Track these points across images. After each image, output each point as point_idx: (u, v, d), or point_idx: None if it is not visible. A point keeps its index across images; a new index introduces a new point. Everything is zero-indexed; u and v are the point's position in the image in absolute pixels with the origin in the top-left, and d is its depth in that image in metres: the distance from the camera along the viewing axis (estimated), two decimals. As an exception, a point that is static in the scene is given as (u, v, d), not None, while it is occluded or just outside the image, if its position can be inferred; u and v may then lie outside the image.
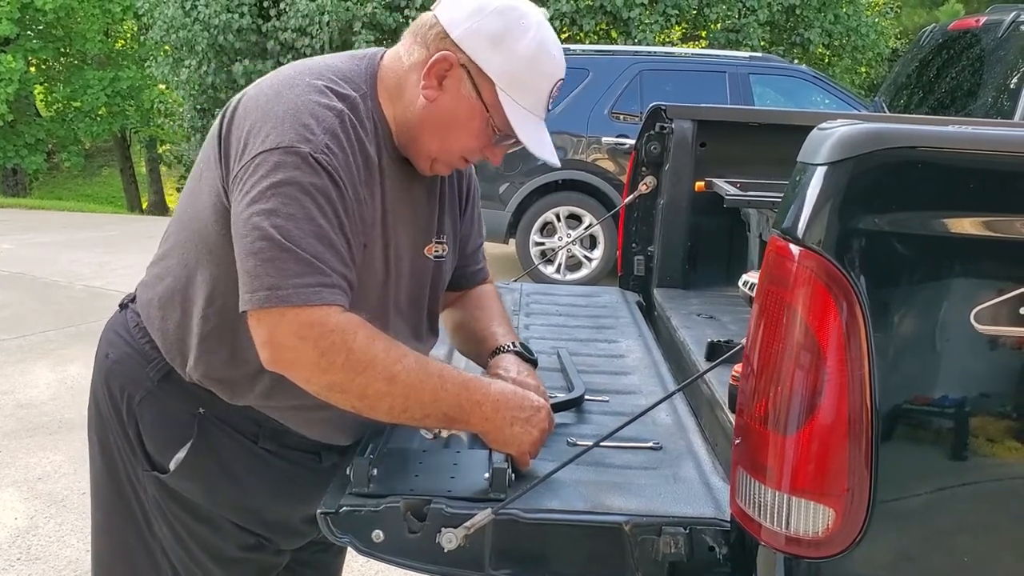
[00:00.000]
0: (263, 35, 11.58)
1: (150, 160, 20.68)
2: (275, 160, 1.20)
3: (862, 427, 1.01)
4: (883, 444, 1.02)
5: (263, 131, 1.23)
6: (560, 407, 1.49)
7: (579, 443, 1.38)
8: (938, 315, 1.03)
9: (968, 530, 1.08)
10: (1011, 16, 4.45)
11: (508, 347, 1.50)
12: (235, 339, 1.30)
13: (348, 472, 1.23)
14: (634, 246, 2.62)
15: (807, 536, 1.05)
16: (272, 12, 11.37)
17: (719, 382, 1.58)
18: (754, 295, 1.15)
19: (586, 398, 1.57)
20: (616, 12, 10.73)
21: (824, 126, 1.09)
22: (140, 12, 13.53)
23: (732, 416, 1.31)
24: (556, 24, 10.20)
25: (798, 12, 11.70)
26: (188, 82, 12.07)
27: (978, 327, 1.01)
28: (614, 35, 11.32)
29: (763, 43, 11.53)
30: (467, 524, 1.16)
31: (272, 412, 1.38)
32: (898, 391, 1.03)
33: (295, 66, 1.36)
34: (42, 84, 19.05)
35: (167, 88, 15.29)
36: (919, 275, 1.04)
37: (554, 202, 6.88)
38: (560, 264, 6.85)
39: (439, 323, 1.59)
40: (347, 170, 1.25)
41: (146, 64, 14.23)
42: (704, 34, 12.17)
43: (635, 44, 10.20)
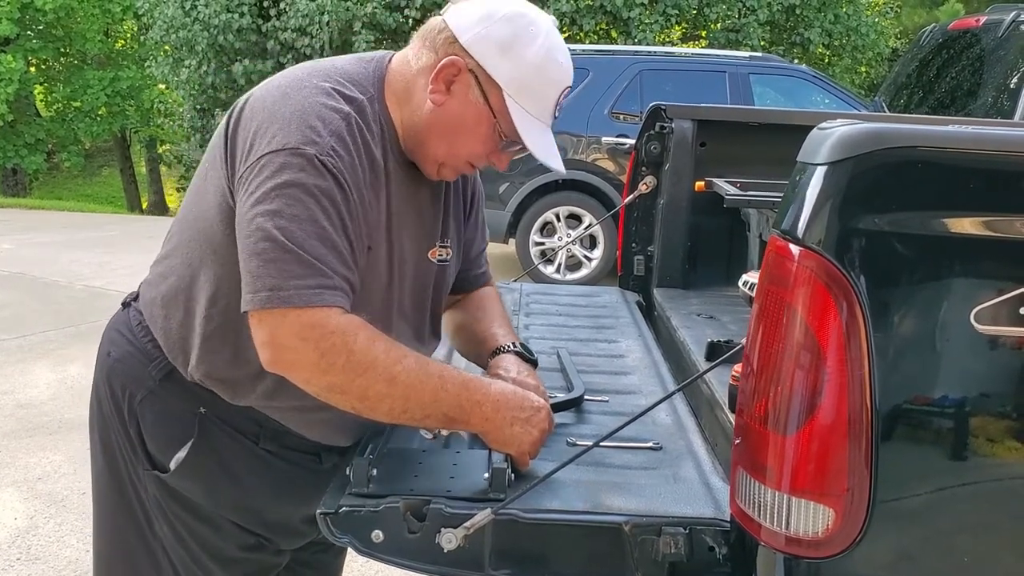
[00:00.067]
0: (263, 35, 11.58)
1: (150, 160, 20.66)
2: (281, 161, 1.20)
3: (862, 427, 1.01)
4: (883, 444, 1.02)
5: (269, 132, 1.23)
6: (560, 407, 1.49)
7: (579, 443, 1.38)
8: (938, 315, 1.03)
9: (968, 530, 1.08)
10: (1011, 16, 4.45)
11: (508, 347, 1.50)
12: (238, 339, 1.30)
13: (348, 472, 1.23)
14: (634, 246, 2.61)
15: (807, 536, 1.05)
16: (272, 12, 11.37)
17: (719, 382, 1.58)
18: (754, 295, 1.15)
19: (586, 398, 1.57)
20: (616, 12, 10.73)
21: (824, 126, 1.09)
22: (140, 12, 13.54)
23: (732, 416, 1.31)
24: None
25: (798, 12, 11.70)
26: (188, 82, 12.08)
27: (978, 327, 1.01)
28: (614, 35, 11.32)
29: (763, 43, 11.53)
30: (467, 524, 1.16)
31: (273, 413, 1.39)
32: (898, 391, 1.03)
33: (303, 67, 1.36)
34: (42, 84, 19.05)
35: (167, 88, 15.31)
36: (919, 275, 1.04)
37: (554, 202, 6.87)
38: (560, 264, 6.85)
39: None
40: (352, 173, 1.24)
41: (146, 64, 14.23)
42: (704, 34, 12.18)
43: (635, 44, 10.20)
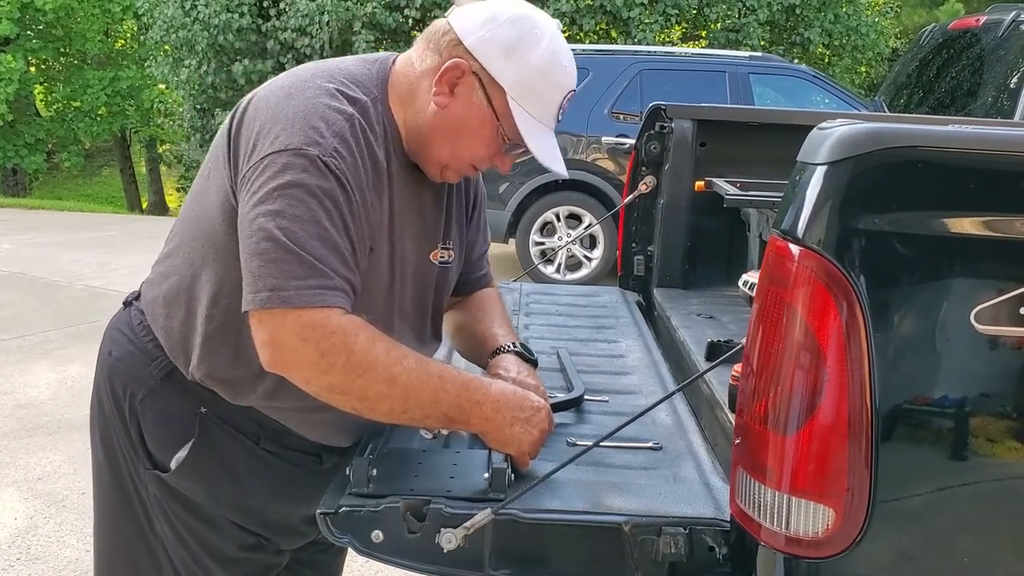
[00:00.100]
0: (263, 35, 11.58)
1: (150, 160, 20.67)
2: (283, 162, 1.20)
3: (862, 427, 1.01)
4: (883, 444, 1.02)
5: (272, 132, 1.23)
6: (560, 407, 1.49)
7: (579, 443, 1.38)
8: (938, 315, 1.03)
9: (968, 530, 1.08)
10: (1011, 16, 4.45)
11: (508, 347, 1.50)
12: (239, 339, 1.30)
13: (348, 472, 1.23)
14: (634, 246, 2.61)
15: (807, 536, 1.05)
16: (272, 12, 11.37)
17: (719, 382, 1.57)
18: (754, 295, 1.15)
19: (586, 398, 1.57)
20: (616, 12, 10.73)
21: (824, 126, 1.09)
22: (140, 12, 13.54)
23: (732, 416, 1.31)
24: (556, 24, 10.19)
25: (798, 12, 11.70)
26: (188, 82, 12.08)
27: (978, 327, 1.01)
28: (614, 35, 11.32)
29: (763, 43, 11.53)
30: (467, 524, 1.16)
31: (274, 413, 1.39)
32: (898, 391, 1.03)
33: (307, 68, 1.36)
34: (42, 84, 19.05)
35: (167, 88, 15.31)
36: (919, 275, 1.04)
37: (554, 202, 6.87)
38: (560, 264, 6.85)
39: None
40: (355, 174, 1.24)
41: (146, 64, 14.24)
42: (704, 34, 12.17)
43: (635, 44, 10.20)
